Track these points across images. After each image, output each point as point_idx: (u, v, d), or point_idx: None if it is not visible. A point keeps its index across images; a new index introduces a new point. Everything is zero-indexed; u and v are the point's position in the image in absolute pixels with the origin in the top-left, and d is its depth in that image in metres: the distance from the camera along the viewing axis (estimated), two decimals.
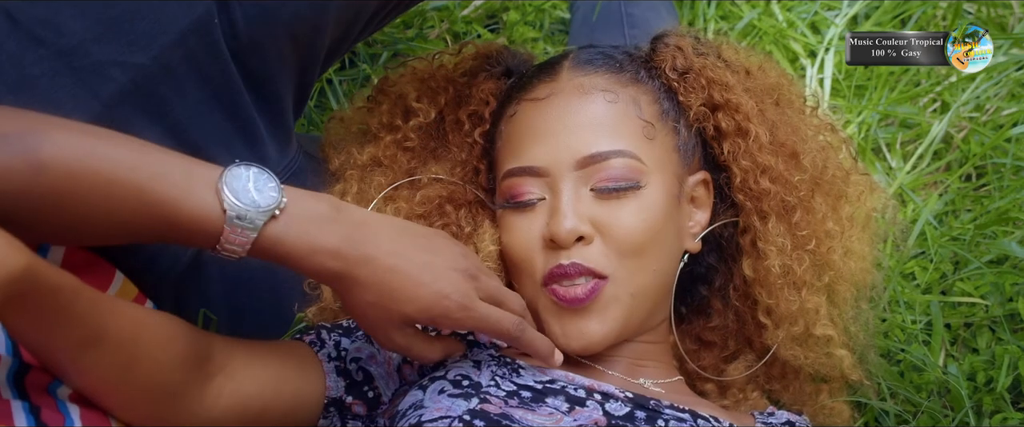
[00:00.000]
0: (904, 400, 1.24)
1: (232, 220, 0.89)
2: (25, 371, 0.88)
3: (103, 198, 0.85)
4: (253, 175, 0.91)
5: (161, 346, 0.91)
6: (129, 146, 0.88)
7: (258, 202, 0.90)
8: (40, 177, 0.82)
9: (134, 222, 0.88)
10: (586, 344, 1.06)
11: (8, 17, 0.95)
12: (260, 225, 0.90)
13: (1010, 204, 1.40)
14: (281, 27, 1.00)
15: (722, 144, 1.15)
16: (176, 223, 0.88)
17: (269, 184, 0.91)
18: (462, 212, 1.19)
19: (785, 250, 1.13)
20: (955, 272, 1.36)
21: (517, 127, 1.12)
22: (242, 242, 0.90)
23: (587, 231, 1.05)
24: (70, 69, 0.94)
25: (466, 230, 1.17)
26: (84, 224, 0.87)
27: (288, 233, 0.91)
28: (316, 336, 1.09)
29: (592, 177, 1.07)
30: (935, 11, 1.69)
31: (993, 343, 1.30)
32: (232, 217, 0.89)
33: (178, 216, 0.88)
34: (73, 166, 0.84)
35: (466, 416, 0.96)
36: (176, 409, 0.94)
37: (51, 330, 0.82)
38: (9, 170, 0.81)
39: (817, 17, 1.67)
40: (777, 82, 1.21)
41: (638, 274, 1.07)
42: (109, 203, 0.86)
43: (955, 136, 1.52)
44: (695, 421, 1.03)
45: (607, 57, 1.15)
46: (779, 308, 1.13)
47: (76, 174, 0.84)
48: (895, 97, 1.55)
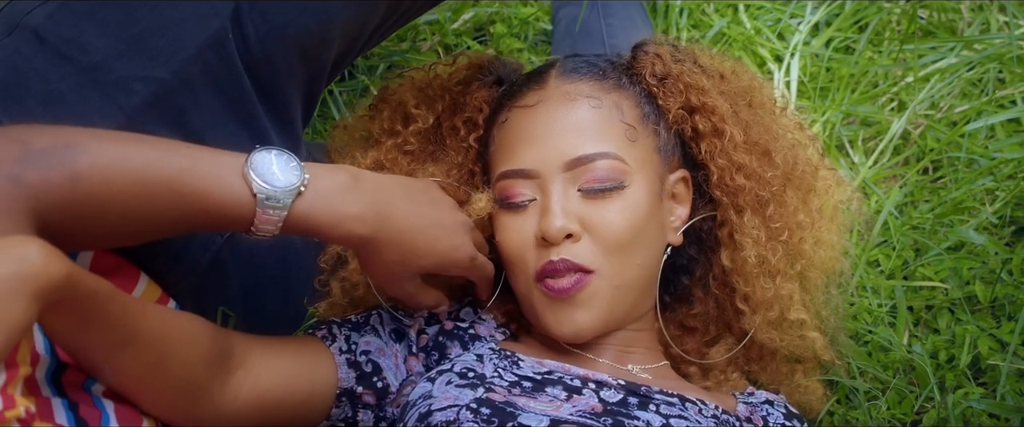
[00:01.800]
0: (873, 378, 1.25)
1: (262, 202, 0.90)
2: (62, 370, 0.88)
3: (139, 197, 0.86)
4: (275, 157, 0.92)
5: (187, 344, 0.92)
6: (156, 146, 0.89)
7: (284, 182, 0.91)
8: (79, 186, 0.83)
9: (171, 216, 0.89)
10: (576, 331, 1.08)
11: (36, 37, 0.96)
12: (288, 203, 0.91)
13: (965, 194, 1.41)
14: (291, 42, 1.01)
15: (700, 144, 1.17)
16: (211, 212, 0.90)
17: (291, 164, 0.93)
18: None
19: (760, 241, 1.14)
20: (916, 258, 1.37)
21: (509, 132, 1.13)
22: (274, 221, 0.92)
23: (575, 229, 1.07)
24: (95, 84, 0.94)
25: None
26: (125, 225, 0.88)
27: (314, 207, 0.93)
28: (327, 331, 1.10)
29: (579, 178, 1.08)
30: (890, 16, 1.71)
31: (953, 324, 1.31)
32: (262, 199, 0.90)
33: (212, 205, 0.89)
34: (108, 172, 0.85)
35: (473, 404, 0.97)
36: (202, 403, 0.95)
37: (87, 332, 0.82)
38: (49, 184, 0.82)
39: (782, 24, 1.68)
40: (749, 85, 1.23)
41: (623, 268, 1.08)
42: (146, 201, 0.87)
43: (912, 133, 1.53)
44: (683, 405, 1.05)
45: (591, 65, 1.17)
46: (755, 295, 1.15)
47: (112, 179, 0.85)
48: (856, 98, 1.56)
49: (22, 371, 0.74)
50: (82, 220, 0.85)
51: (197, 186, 0.88)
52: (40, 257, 0.72)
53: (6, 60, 0.96)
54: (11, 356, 0.76)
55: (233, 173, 0.90)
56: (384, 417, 1.09)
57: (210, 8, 0.98)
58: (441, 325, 1.14)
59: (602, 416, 0.99)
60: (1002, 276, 1.31)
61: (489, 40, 1.67)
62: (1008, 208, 1.40)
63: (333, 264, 1.16)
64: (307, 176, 0.93)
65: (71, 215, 0.84)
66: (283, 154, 0.93)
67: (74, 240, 0.87)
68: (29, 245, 0.72)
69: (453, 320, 1.15)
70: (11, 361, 0.73)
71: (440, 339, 1.12)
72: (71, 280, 0.75)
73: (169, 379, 0.91)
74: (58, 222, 0.83)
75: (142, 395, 0.92)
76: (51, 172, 0.82)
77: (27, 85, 0.94)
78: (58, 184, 0.83)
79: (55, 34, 0.96)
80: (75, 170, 0.83)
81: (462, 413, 0.97)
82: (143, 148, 0.88)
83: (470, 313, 1.16)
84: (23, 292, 0.70)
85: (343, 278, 1.15)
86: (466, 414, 0.97)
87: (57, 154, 0.83)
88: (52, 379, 0.87)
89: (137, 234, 0.91)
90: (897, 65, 1.61)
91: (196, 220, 0.90)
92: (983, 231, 1.38)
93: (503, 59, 1.27)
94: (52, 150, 0.83)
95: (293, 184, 0.92)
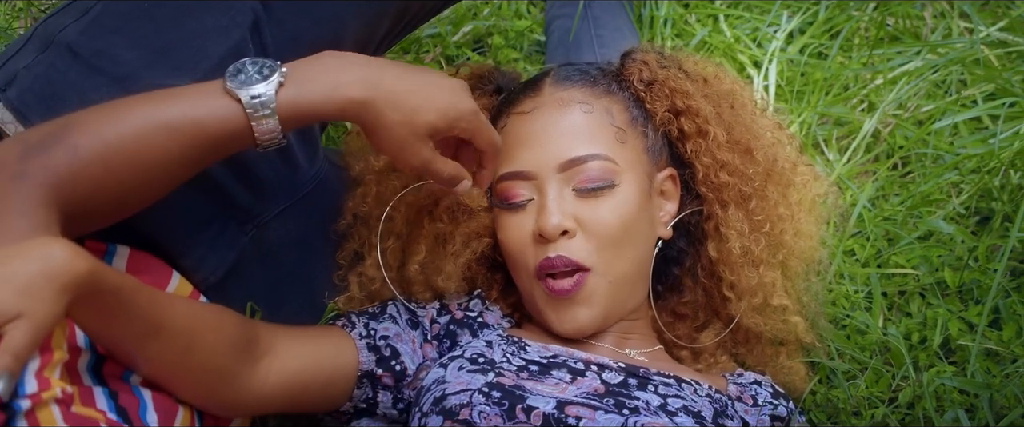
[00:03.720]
0: (851, 359, 1.26)
1: (249, 104, 0.88)
2: (102, 361, 0.89)
3: (142, 148, 0.86)
4: (249, 64, 0.91)
5: (214, 333, 0.93)
6: (142, 99, 0.88)
7: (262, 80, 0.89)
8: (79, 156, 0.83)
9: (178, 155, 0.87)
10: (578, 327, 1.10)
11: (70, 51, 0.97)
12: (273, 96, 0.89)
13: (932, 188, 1.43)
14: (306, 49, 1.02)
15: (685, 144, 1.18)
16: (212, 135, 0.88)
17: (266, 64, 0.91)
18: (460, 206, 1.20)
19: (744, 233, 1.16)
20: (889, 248, 1.38)
21: (507, 137, 1.14)
22: (268, 119, 0.89)
23: (571, 226, 1.08)
24: (126, 93, 0.94)
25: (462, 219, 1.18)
26: (140, 178, 0.87)
27: (302, 89, 0.90)
28: (346, 320, 1.11)
29: (573, 178, 1.10)
30: (859, 24, 1.72)
31: (924, 308, 1.32)
32: (247, 102, 0.88)
33: (210, 130, 0.88)
34: (104, 135, 0.84)
35: (484, 388, 0.99)
36: (233, 388, 0.96)
37: (116, 324, 0.83)
38: (52, 165, 0.82)
39: (760, 33, 1.70)
40: (731, 88, 1.24)
41: (616, 262, 1.10)
42: (148, 150, 0.86)
43: (882, 131, 1.54)
44: (679, 385, 1.07)
45: (582, 73, 1.18)
46: (740, 283, 1.17)
47: (109, 140, 0.84)
48: (830, 99, 1.58)
49: (57, 356, 0.75)
50: (97, 188, 0.84)
51: (191, 117, 0.87)
52: (64, 255, 0.73)
53: (42, 74, 0.97)
54: (45, 342, 0.76)
55: (214, 94, 0.89)
56: (401, 398, 1.10)
57: (231, 20, 0.99)
58: (452, 315, 1.15)
59: (605, 397, 1.01)
60: (969, 263, 1.33)
61: (487, 51, 1.68)
62: (973, 200, 1.42)
63: (350, 260, 1.17)
64: (284, 68, 0.91)
65: (85, 187, 0.83)
66: (256, 60, 0.91)
67: (104, 211, 0.86)
68: (53, 245, 0.73)
69: (463, 310, 1.16)
70: (45, 347, 0.73)
71: (451, 327, 1.14)
72: (95, 276, 0.75)
73: (199, 366, 0.92)
74: (76, 199, 0.83)
75: (174, 382, 0.92)
76: (50, 157, 0.82)
77: (63, 97, 0.95)
78: (59, 164, 0.82)
79: (87, 48, 0.97)
80: (71, 145, 0.83)
81: (474, 396, 0.99)
82: (130, 105, 0.87)
83: (479, 304, 1.18)
84: (50, 289, 0.71)
85: (360, 273, 1.16)
86: (478, 397, 0.98)
87: (52, 138, 0.83)
88: (93, 370, 0.88)
89: (156, 184, 0.89)
90: (867, 69, 1.63)
91: (199, 149, 0.88)
92: (950, 221, 1.40)
93: (502, 69, 1.29)
94: (47, 137, 0.83)
95: (272, 78, 0.89)
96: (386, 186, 1.17)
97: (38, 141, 0.83)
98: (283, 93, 0.90)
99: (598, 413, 0.98)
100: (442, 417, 0.99)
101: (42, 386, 0.70)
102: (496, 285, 1.20)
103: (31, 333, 0.69)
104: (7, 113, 0.96)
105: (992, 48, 1.62)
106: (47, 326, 0.70)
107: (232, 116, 0.88)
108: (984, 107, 1.54)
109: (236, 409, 0.98)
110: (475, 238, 1.15)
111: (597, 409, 0.98)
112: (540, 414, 0.97)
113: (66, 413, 0.72)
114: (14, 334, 0.68)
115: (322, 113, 0.93)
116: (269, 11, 1.00)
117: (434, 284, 1.15)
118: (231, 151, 0.92)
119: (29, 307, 0.70)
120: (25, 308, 0.69)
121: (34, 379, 0.70)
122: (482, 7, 1.72)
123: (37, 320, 0.70)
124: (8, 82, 0.97)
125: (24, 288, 0.70)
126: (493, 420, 0.97)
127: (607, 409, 0.98)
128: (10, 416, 0.68)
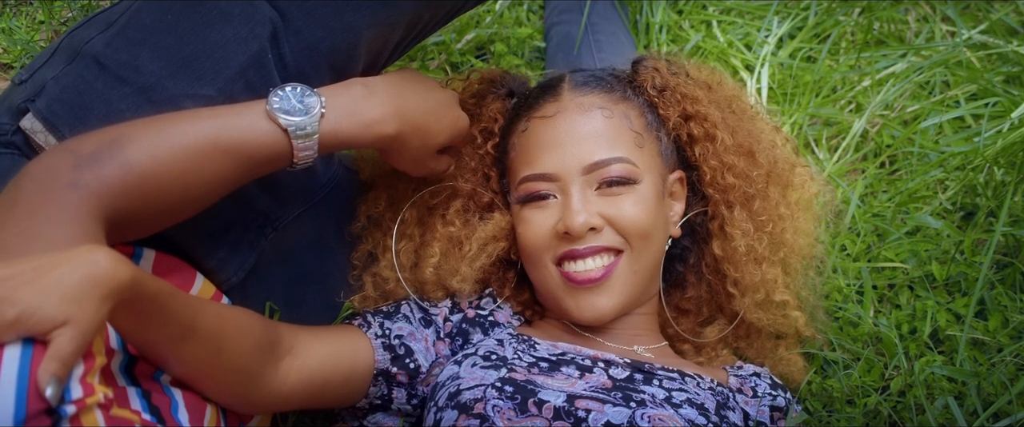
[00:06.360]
0: (844, 350, 1.26)
1: (294, 134, 0.91)
2: (134, 362, 0.88)
3: (188, 165, 0.87)
4: (290, 92, 0.92)
5: (241, 334, 0.92)
6: (186, 117, 0.90)
7: (305, 110, 0.91)
8: (131, 171, 0.84)
9: (221, 172, 0.89)
10: (597, 315, 1.08)
11: (96, 62, 0.96)
12: (317, 128, 0.92)
13: (919, 185, 1.43)
14: (322, 58, 1.01)
15: (694, 148, 1.18)
16: (253, 157, 0.90)
17: (306, 93, 0.93)
18: (471, 209, 1.19)
19: (748, 232, 1.15)
20: (879, 243, 1.38)
21: (529, 140, 1.13)
22: (310, 147, 0.92)
23: (598, 222, 1.07)
24: (150, 102, 0.94)
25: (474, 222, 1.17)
26: (185, 193, 0.88)
27: (341, 122, 0.94)
28: (362, 320, 1.10)
29: (596, 180, 1.09)
30: (847, 29, 1.72)
31: (913, 300, 1.32)
32: (293, 131, 0.91)
33: (252, 151, 0.90)
34: (154, 151, 0.85)
35: (498, 383, 0.98)
36: (258, 386, 0.95)
37: (152, 328, 0.82)
38: (105, 180, 0.82)
39: (751, 37, 1.70)
40: (733, 93, 1.23)
41: (643, 253, 1.09)
42: (195, 167, 0.87)
43: (870, 131, 1.54)
44: (683, 379, 1.06)
45: (599, 79, 1.17)
46: (744, 280, 1.16)
47: (159, 157, 0.85)
48: (819, 101, 1.57)
49: (98, 361, 0.74)
50: (146, 202, 0.85)
51: (234, 138, 0.88)
52: (108, 262, 0.72)
53: (70, 85, 0.95)
54: (87, 349, 0.75)
55: (260, 118, 0.91)
56: (415, 394, 1.09)
57: (250, 31, 0.98)
58: (464, 313, 1.14)
59: (612, 391, 1.00)
60: (955, 256, 1.33)
61: (490, 57, 1.67)
62: (958, 196, 1.41)
63: (365, 260, 1.15)
64: (324, 99, 0.94)
65: (134, 200, 0.84)
66: (296, 87, 0.93)
67: (147, 222, 0.86)
68: (98, 252, 0.72)
69: (475, 308, 1.15)
70: (88, 353, 0.72)
71: (463, 326, 1.12)
72: (136, 282, 0.75)
73: (227, 366, 0.91)
74: (125, 211, 0.83)
75: (204, 382, 0.91)
76: (104, 169, 0.82)
77: (90, 106, 0.94)
78: (113, 176, 0.82)
79: (113, 59, 0.95)
80: (124, 159, 0.83)
81: (488, 391, 0.98)
82: (177, 122, 0.88)
83: (490, 302, 1.16)
84: (95, 295, 0.70)
85: (375, 273, 1.15)
86: (492, 392, 0.97)
87: (105, 151, 0.83)
88: (126, 370, 0.87)
89: (199, 198, 0.90)
90: (854, 71, 1.62)
91: (243, 169, 0.90)
92: (937, 217, 1.39)
93: (512, 74, 1.27)
94: (100, 150, 0.83)
95: (314, 110, 0.92)
96: (397, 189, 1.16)
97: (90, 153, 0.83)
98: (324, 125, 0.93)
99: (606, 406, 0.97)
100: (457, 411, 0.98)
101: (87, 392, 0.69)
102: (508, 283, 1.18)
103: (77, 339, 0.68)
104: (37, 122, 0.95)
105: (974, 50, 1.62)
106: (92, 332, 0.70)
107: (277, 143, 0.91)
108: (967, 107, 1.54)
109: (260, 407, 0.97)
110: (492, 242, 1.14)
111: (605, 402, 0.97)
112: (551, 407, 0.96)
113: (107, 416, 0.70)
114: (61, 340, 0.67)
115: (356, 144, 0.97)
116: (287, 22, 0.99)
117: (448, 285, 1.13)
118: (269, 171, 0.94)
119: (75, 314, 0.69)
120: (71, 315, 0.68)
121: (79, 385, 0.69)
122: (484, 15, 1.71)
123: (82, 327, 0.69)
124: (37, 92, 0.96)
125: (70, 295, 0.69)
126: (506, 413, 0.96)
127: (615, 402, 0.98)
128: (56, 421, 0.66)
